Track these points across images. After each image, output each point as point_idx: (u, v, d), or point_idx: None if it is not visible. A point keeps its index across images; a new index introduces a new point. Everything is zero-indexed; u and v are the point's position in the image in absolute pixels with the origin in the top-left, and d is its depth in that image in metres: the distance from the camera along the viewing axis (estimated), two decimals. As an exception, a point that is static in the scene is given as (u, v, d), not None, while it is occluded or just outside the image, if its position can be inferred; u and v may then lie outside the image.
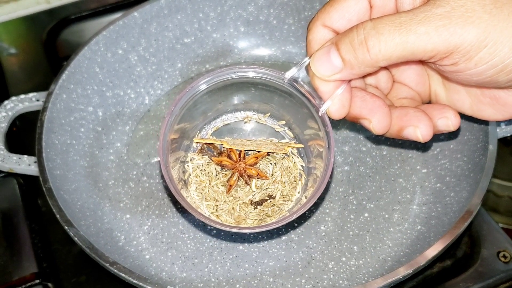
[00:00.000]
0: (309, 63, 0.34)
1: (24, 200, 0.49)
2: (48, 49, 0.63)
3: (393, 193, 0.47)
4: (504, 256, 0.43)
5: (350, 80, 0.34)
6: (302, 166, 0.44)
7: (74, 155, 0.48)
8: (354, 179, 0.48)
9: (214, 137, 0.45)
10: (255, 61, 0.57)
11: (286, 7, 0.56)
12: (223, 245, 0.45)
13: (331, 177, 0.48)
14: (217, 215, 0.41)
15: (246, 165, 0.43)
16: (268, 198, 0.42)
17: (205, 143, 0.44)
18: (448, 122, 0.35)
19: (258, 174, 0.43)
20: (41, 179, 0.42)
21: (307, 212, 0.46)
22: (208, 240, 0.45)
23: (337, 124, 0.52)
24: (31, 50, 0.64)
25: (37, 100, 0.50)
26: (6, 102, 0.50)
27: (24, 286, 0.43)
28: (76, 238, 0.39)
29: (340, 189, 0.48)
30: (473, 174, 0.43)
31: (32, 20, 0.66)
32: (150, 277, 0.40)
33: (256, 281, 0.43)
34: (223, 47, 0.57)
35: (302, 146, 0.44)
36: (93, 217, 0.45)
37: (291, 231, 0.45)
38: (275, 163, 0.44)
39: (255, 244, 0.45)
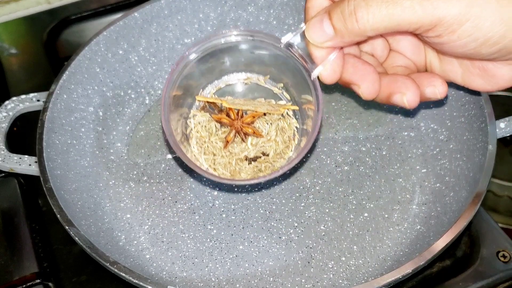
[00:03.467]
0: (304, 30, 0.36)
1: (24, 200, 0.49)
2: (49, 49, 0.64)
3: (393, 193, 0.47)
4: (504, 256, 0.43)
5: (342, 48, 0.36)
6: (296, 127, 0.45)
7: (74, 155, 0.48)
8: (353, 179, 0.48)
9: (216, 96, 0.47)
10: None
11: (286, 7, 0.56)
12: (223, 244, 0.45)
13: (330, 173, 0.48)
14: (214, 168, 0.44)
15: (243, 123, 0.45)
16: (262, 155, 0.45)
17: (207, 102, 0.46)
18: (435, 90, 0.37)
19: (253, 132, 0.45)
20: (41, 179, 0.42)
21: (307, 212, 0.46)
22: (208, 239, 0.45)
23: (337, 123, 0.52)
24: (32, 50, 0.64)
25: (38, 100, 0.50)
26: (6, 102, 0.50)
27: (24, 285, 0.43)
28: (76, 238, 0.39)
29: (340, 189, 0.48)
30: (472, 174, 0.43)
31: (32, 21, 0.67)
32: (150, 276, 0.40)
33: (256, 280, 0.43)
34: (223, 47, 0.57)
35: (297, 108, 0.45)
36: (94, 217, 0.45)
37: (291, 231, 0.45)
38: (271, 123, 0.45)
39: (255, 243, 0.45)
